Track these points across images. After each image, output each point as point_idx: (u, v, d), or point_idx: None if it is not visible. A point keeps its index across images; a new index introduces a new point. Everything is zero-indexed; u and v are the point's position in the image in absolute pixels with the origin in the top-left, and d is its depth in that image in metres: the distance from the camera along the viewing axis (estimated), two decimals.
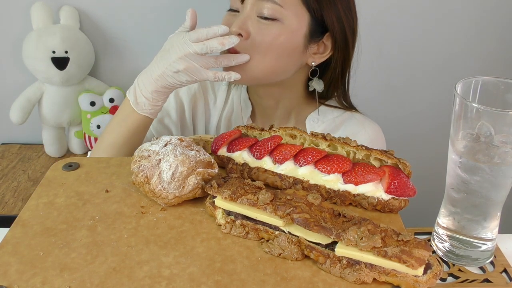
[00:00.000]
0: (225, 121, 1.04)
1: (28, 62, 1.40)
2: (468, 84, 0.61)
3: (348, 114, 0.99)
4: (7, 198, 1.34)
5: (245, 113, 1.02)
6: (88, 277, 0.53)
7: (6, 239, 0.58)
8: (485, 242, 0.64)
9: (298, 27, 0.84)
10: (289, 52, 0.86)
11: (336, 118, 0.98)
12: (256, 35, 0.84)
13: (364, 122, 0.98)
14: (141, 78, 0.85)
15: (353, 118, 0.98)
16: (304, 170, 0.66)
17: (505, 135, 0.57)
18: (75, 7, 1.43)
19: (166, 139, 0.66)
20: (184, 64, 0.80)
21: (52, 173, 0.72)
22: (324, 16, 0.85)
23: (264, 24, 0.83)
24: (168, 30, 1.47)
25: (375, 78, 1.56)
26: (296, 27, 0.84)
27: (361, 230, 0.53)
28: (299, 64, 0.90)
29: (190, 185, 0.63)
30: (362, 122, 0.97)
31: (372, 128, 0.98)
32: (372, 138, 0.96)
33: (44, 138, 1.52)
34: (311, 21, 0.85)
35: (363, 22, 0.94)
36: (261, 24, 0.84)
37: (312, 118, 0.99)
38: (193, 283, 0.52)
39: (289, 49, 0.86)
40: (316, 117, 0.98)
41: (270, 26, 0.83)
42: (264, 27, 0.83)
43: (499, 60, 1.57)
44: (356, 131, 0.95)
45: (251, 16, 0.84)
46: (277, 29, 0.83)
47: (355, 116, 0.98)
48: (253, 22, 0.84)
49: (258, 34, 0.84)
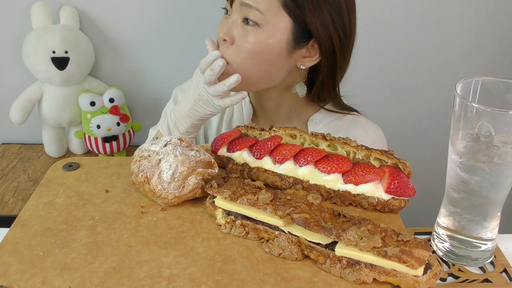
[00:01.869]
0: (226, 124, 1.04)
1: (28, 62, 1.40)
2: (468, 84, 0.61)
3: (350, 117, 0.99)
4: (7, 198, 1.34)
5: (246, 116, 1.02)
6: (88, 277, 0.53)
7: (6, 239, 0.58)
8: (485, 242, 0.64)
9: (280, 33, 0.83)
10: (272, 57, 0.85)
11: (338, 120, 0.98)
12: (239, 41, 0.84)
13: (366, 125, 0.98)
14: (174, 112, 0.92)
15: (356, 121, 0.98)
16: (304, 170, 0.66)
17: (505, 135, 0.57)
18: (75, 7, 1.43)
19: (166, 139, 0.66)
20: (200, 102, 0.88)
21: (52, 173, 0.72)
22: (307, 22, 0.83)
23: (246, 30, 0.84)
24: (168, 30, 1.48)
25: (376, 78, 1.56)
26: (276, 33, 0.83)
27: (361, 230, 0.53)
28: (287, 68, 0.89)
29: (190, 185, 0.63)
30: (364, 125, 0.97)
31: (374, 132, 0.98)
32: (375, 140, 0.96)
33: (44, 138, 1.52)
34: (294, 27, 0.84)
35: (364, 23, 0.93)
36: (244, 30, 0.84)
37: (314, 120, 0.99)
38: (193, 283, 0.52)
39: (271, 55, 0.85)
40: (318, 119, 0.98)
41: (251, 32, 0.83)
42: (246, 33, 0.83)
43: (500, 61, 1.57)
44: (359, 134, 0.95)
45: (237, 22, 0.84)
46: (258, 35, 0.83)
47: (357, 119, 0.98)
48: (238, 28, 0.84)
49: (241, 39, 0.84)
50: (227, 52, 0.85)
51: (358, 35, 0.92)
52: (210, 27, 1.42)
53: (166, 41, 1.49)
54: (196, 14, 1.46)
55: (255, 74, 0.87)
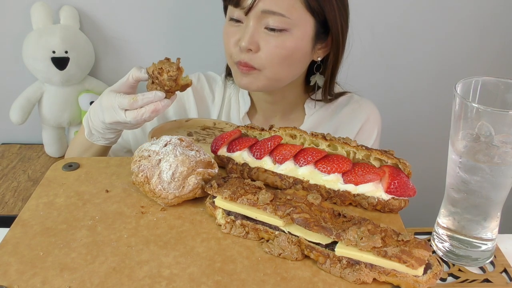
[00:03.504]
0: (224, 117, 1.05)
1: (28, 62, 1.40)
2: (468, 84, 0.61)
3: (345, 96, 1.03)
4: (7, 198, 1.34)
5: (242, 109, 1.03)
6: (88, 277, 0.53)
7: (6, 239, 0.58)
8: (485, 242, 0.64)
9: (306, 32, 0.86)
10: (300, 57, 0.88)
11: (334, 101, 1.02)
12: (266, 47, 0.85)
13: (360, 100, 1.04)
14: (93, 113, 0.81)
15: (350, 98, 1.04)
16: (304, 170, 0.66)
17: (505, 135, 0.57)
18: (75, 7, 1.43)
19: (166, 139, 0.66)
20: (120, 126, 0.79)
21: (52, 173, 0.72)
22: (326, 16, 0.87)
23: (273, 36, 0.84)
24: (168, 30, 1.48)
25: (376, 78, 1.56)
26: (303, 33, 0.86)
27: (361, 230, 0.53)
28: (308, 62, 0.93)
29: (190, 185, 0.63)
30: (358, 100, 1.03)
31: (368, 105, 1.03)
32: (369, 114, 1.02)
33: (44, 138, 1.52)
34: (315, 24, 0.87)
35: (364, 23, 0.94)
36: (270, 36, 0.84)
37: (311, 102, 1.01)
38: (193, 283, 0.52)
39: (300, 55, 0.88)
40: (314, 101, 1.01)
41: (279, 38, 0.84)
42: (273, 39, 0.84)
43: (500, 61, 1.57)
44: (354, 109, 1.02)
45: (258, 29, 0.84)
46: (287, 39, 0.84)
47: (351, 96, 1.04)
48: (261, 35, 0.85)
49: (268, 46, 0.84)
50: (255, 60, 0.86)
51: (358, 35, 0.93)
52: (210, 27, 1.43)
53: (166, 41, 1.49)
54: (196, 14, 1.46)
55: (285, 75, 0.89)
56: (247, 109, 1.03)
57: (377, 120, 1.03)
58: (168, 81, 0.74)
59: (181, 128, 0.89)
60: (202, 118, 0.94)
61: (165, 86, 0.74)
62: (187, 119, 0.92)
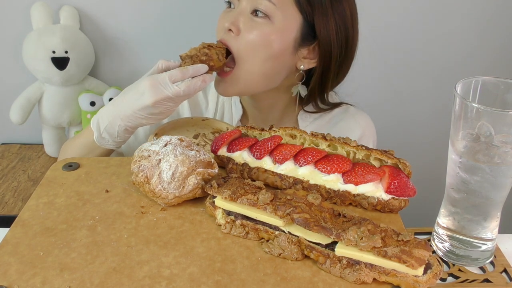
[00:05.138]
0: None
1: (28, 62, 1.40)
2: (468, 84, 0.61)
3: (339, 108, 1.00)
4: (7, 198, 1.34)
5: (235, 116, 1.03)
6: (88, 277, 0.53)
7: (6, 239, 0.58)
8: (485, 242, 0.64)
9: (289, 28, 0.84)
10: (278, 52, 0.85)
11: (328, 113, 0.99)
12: (246, 32, 0.84)
13: (356, 114, 1.00)
14: (106, 115, 0.83)
15: (345, 111, 1.00)
16: (304, 170, 0.66)
17: (505, 135, 0.57)
18: (75, 7, 1.43)
19: (166, 139, 0.66)
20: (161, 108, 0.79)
21: (52, 173, 0.72)
22: (315, 21, 0.85)
23: (255, 22, 0.84)
24: (168, 30, 1.48)
25: (376, 78, 1.56)
26: (286, 27, 0.84)
27: (361, 230, 0.53)
28: (289, 67, 0.90)
29: (190, 185, 0.63)
30: (353, 114, 1.00)
31: (363, 119, 1.01)
32: (364, 127, 0.99)
33: (44, 138, 1.52)
34: (303, 24, 0.85)
35: (364, 23, 0.94)
36: (252, 21, 0.84)
37: (304, 114, 0.99)
38: (193, 283, 0.52)
39: (278, 50, 0.85)
40: (308, 113, 0.99)
41: (260, 24, 0.83)
42: (255, 25, 0.84)
43: (500, 61, 1.57)
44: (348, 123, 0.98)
45: (244, 13, 0.85)
46: (267, 27, 0.83)
47: (346, 109, 1.00)
48: (245, 19, 0.84)
49: (248, 31, 0.84)
50: (232, 42, 0.85)
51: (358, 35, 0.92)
52: (210, 27, 1.43)
53: (166, 41, 1.49)
54: (196, 14, 1.46)
55: (259, 69, 0.86)
56: (239, 117, 1.02)
57: (372, 134, 1.01)
58: (216, 55, 0.82)
59: (195, 126, 0.90)
60: (217, 120, 0.93)
61: (211, 61, 0.81)
62: (204, 118, 0.92)
